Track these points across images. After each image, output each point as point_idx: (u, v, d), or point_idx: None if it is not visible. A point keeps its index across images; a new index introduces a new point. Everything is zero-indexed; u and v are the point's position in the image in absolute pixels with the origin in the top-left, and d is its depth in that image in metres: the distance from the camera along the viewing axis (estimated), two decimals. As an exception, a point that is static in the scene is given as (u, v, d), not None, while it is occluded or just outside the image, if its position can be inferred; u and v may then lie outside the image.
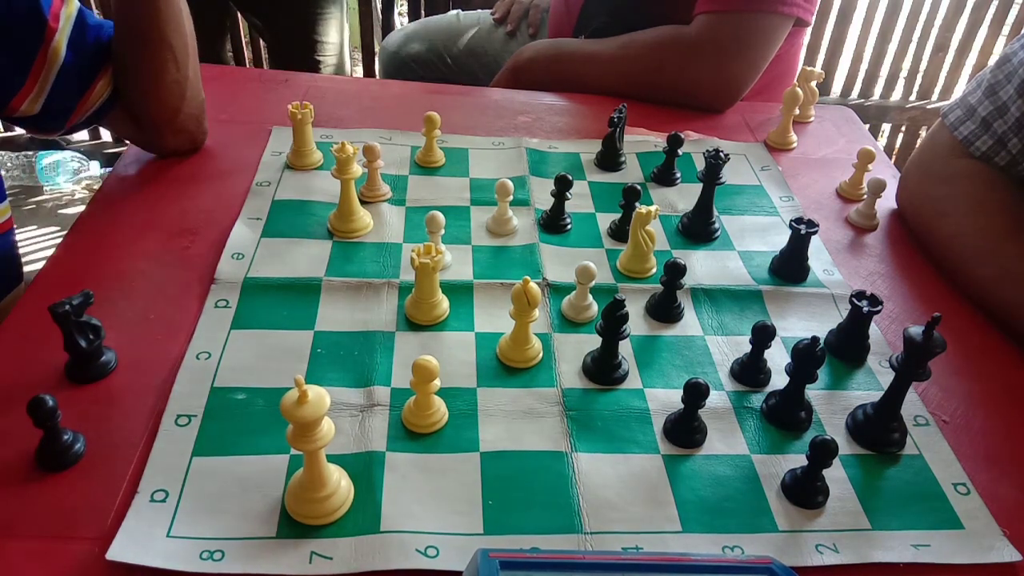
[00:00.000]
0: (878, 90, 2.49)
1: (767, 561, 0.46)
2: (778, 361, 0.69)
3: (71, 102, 0.81)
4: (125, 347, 0.66)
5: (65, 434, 0.56)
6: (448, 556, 0.52)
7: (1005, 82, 0.83)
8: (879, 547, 0.56)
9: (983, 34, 2.36)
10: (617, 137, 0.95)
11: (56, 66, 0.78)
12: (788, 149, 1.03)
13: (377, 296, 0.74)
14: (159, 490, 0.55)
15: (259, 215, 0.82)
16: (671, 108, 1.09)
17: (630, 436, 0.63)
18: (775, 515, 0.57)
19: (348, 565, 0.51)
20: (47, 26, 0.76)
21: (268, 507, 0.55)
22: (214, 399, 0.62)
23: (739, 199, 0.92)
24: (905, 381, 0.62)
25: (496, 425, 0.62)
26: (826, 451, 0.56)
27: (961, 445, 0.64)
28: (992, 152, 0.84)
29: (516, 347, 0.68)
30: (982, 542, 0.56)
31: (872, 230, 0.89)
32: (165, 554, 0.51)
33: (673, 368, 0.69)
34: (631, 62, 1.10)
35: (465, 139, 0.98)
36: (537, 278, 0.77)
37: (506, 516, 0.56)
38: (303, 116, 0.88)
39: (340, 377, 0.65)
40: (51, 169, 2.31)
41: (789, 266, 0.80)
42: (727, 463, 0.61)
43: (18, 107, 0.78)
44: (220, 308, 0.71)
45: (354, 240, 0.80)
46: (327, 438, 0.52)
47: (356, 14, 2.17)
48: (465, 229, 0.83)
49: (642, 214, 0.75)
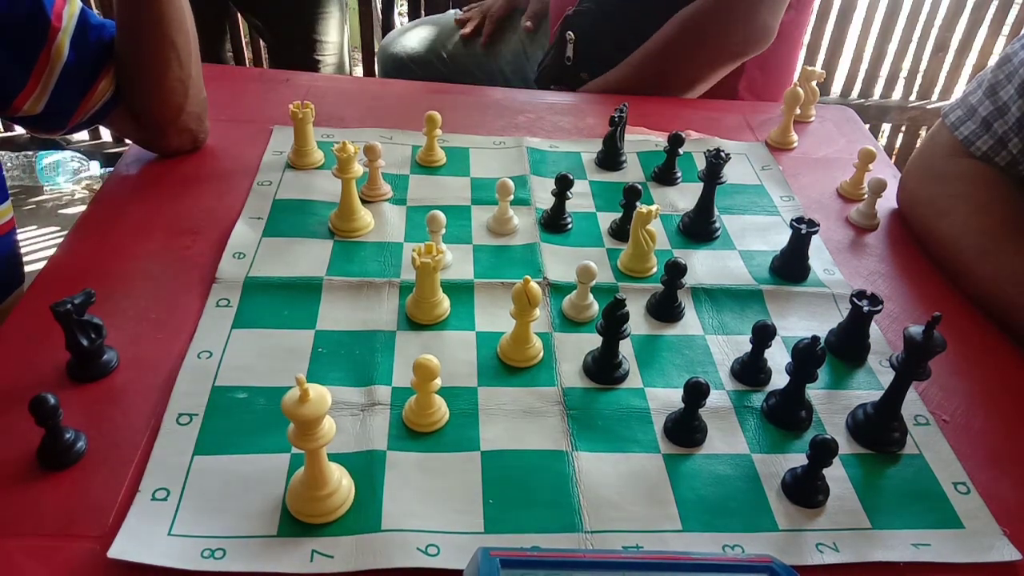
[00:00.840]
0: (878, 90, 2.49)
1: (767, 560, 0.46)
2: (778, 360, 0.69)
3: (73, 102, 0.81)
4: (126, 346, 0.66)
5: (67, 433, 0.56)
6: (449, 555, 0.52)
7: (1006, 82, 0.83)
8: (879, 546, 0.56)
9: (983, 34, 2.36)
10: (618, 136, 0.95)
11: (59, 66, 0.78)
12: (789, 149, 1.03)
13: (378, 295, 0.74)
14: (160, 489, 0.55)
15: (260, 215, 0.82)
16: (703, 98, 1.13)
17: (631, 435, 0.63)
18: (775, 514, 0.57)
19: (349, 564, 0.51)
20: (50, 25, 0.76)
21: (269, 506, 0.55)
22: (215, 398, 0.62)
23: (740, 198, 0.92)
24: (905, 380, 0.62)
25: (497, 424, 0.62)
26: (826, 450, 0.56)
27: (961, 445, 0.64)
28: (993, 152, 0.84)
29: (517, 346, 0.68)
30: (982, 541, 0.56)
31: (872, 230, 0.89)
32: (166, 552, 0.51)
33: (674, 367, 0.69)
34: (672, 49, 1.12)
35: (466, 138, 0.98)
36: (538, 277, 0.77)
37: (507, 515, 0.56)
38: (304, 116, 0.88)
39: (341, 376, 0.65)
40: (51, 169, 2.31)
41: (790, 266, 0.80)
42: (727, 462, 0.61)
43: (21, 106, 0.78)
44: (221, 307, 0.71)
45: (355, 239, 0.80)
46: (328, 437, 0.52)
47: (356, 14, 2.17)
48: (466, 228, 0.83)
49: (643, 213, 0.75)
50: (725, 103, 1.16)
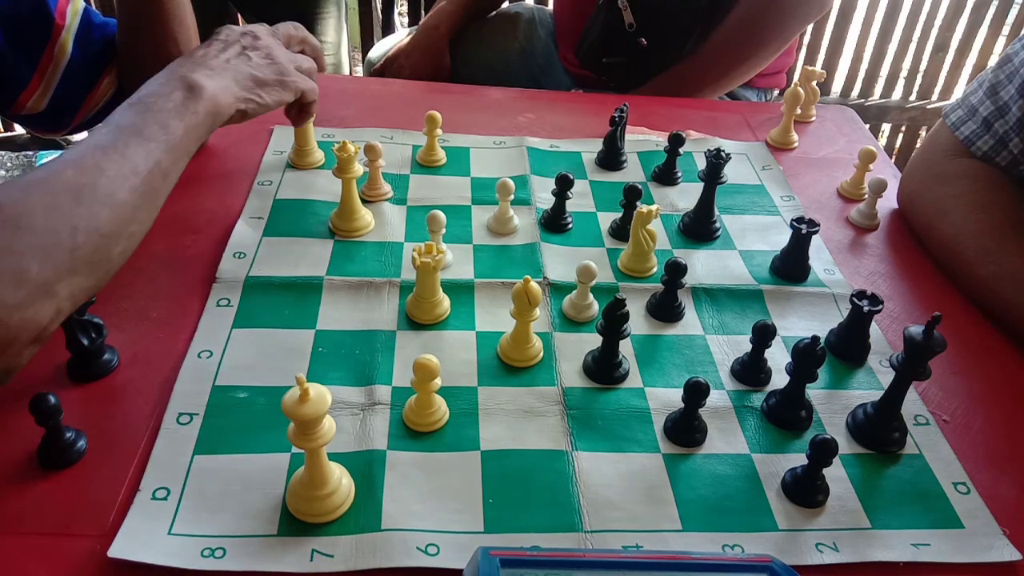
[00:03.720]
0: (878, 90, 2.49)
1: (767, 560, 0.46)
2: (779, 360, 0.69)
3: (77, 99, 0.81)
4: (127, 345, 0.66)
5: (67, 432, 0.56)
6: (449, 554, 0.52)
7: (1006, 82, 0.83)
8: (879, 546, 0.56)
9: (983, 34, 2.36)
10: (618, 136, 0.95)
11: (62, 63, 0.78)
12: (789, 148, 1.03)
13: (378, 295, 0.74)
14: (161, 488, 0.55)
15: (261, 214, 0.82)
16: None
17: (631, 435, 0.63)
18: (775, 514, 0.57)
19: (349, 563, 0.52)
20: (53, 23, 0.77)
21: (269, 505, 0.55)
22: (216, 397, 0.62)
23: (740, 198, 0.92)
24: (905, 380, 0.62)
25: (497, 424, 0.62)
26: (826, 450, 0.56)
27: (961, 444, 0.64)
28: (993, 152, 0.84)
29: (517, 346, 0.68)
30: (982, 541, 0.56)
31: (873, 230, 0.89)
32: (166, 552, 0.51)
33: (674, 367, 0.69)
34: (741, 46, 1.16)
35: (466, 138, 0.98)
36: (538, 277, 0.77)
37: (507, 514, 0.56)
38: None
39: (341, 376, 0.65)
40: (52, 168, 2.31)
41: (790, 265, 0.80)
42: (727, 462, 0.61)
43: (25, 104, 0.78)
44: (222, 307, 0.71)
45: (355, 239, 0.80)
46: (328, 436, 0.52)
47: (356, 14, 2.17)
48: (466, 228, 0.83)
49: (643, 213, 0.75)
50: (725, 103, 1.16)
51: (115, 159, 0.56)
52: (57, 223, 0.51)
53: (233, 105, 0.68)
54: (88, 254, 0.53)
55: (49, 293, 0.50)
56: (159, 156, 0.59)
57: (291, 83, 0.74)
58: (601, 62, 1.23)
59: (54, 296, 0.51)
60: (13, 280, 0.48)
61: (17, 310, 0.48)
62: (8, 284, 0.48)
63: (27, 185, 0.52)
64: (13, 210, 0.49)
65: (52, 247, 0.50)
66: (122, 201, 0.55)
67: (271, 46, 0.75)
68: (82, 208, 0.52)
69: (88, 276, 0.53)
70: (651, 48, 1.18)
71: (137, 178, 0.57)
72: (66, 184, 0.53)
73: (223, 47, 0.71)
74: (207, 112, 0.65)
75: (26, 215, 0.50)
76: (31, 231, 0.50)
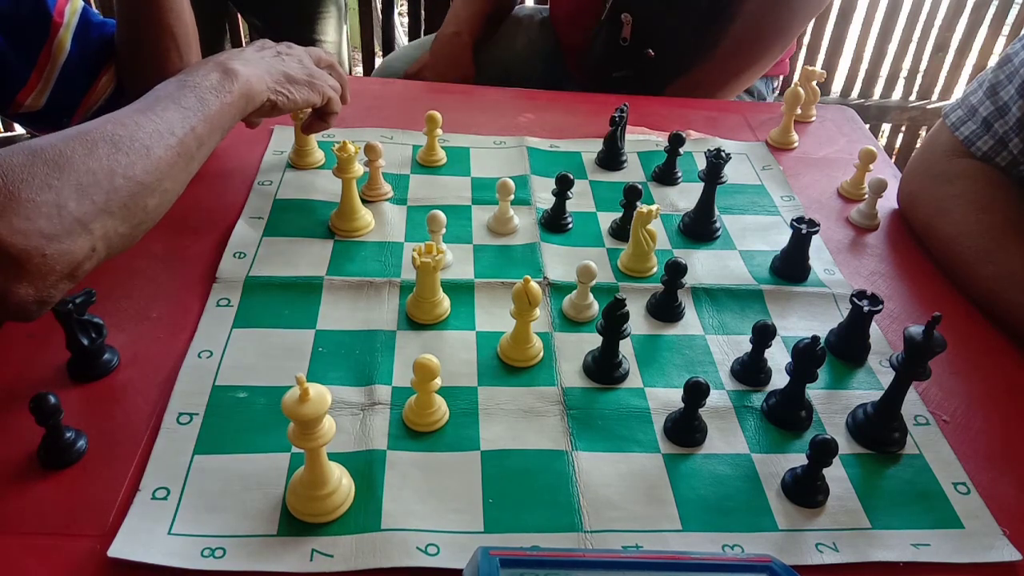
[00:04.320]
0: (878, 90, 2.48)
1: (767, 560, 0.46)
2: (779, 360, 0.69)
3: (75, 98, 0.81)
4: (127, 345, 0.66)
5: (67, 432, 0.56)
6: (449, 554, 0.52)
7: (1006, 82, 0.83)
8: (879, 546, 0.56)
9: (983, 34, 2.35)
10: (618, 136, 0.95)
11: (60, 61, 0.78)
12: (789, 148, 1.03)
13: (378, 295, 0.74)
14: (160, 488, 0.55)
15: (261, 214, 0.82)
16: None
17: (630, 435, 0.63)
18: (775, 514, 0.57)
19: (349, 563, 0.52)
20: (52, 21, 0.77)
21: (269, 505, 0.55)
22: (216, 397, 0.62)
23: (740, 198, 0.92)
24: (905, 380, 0.62)
25: (497, 424, 0.62)
26: (826, 450, 0.56)
27: (961, 445, 0.64)
28: (993, 152, 0.84)
29: (517, 346, 0.68)
30: (982, 541, 0.56)
31: (873, 230, 0.89)
32: (166, 551, 0.51)
33: (674, 367, 0.69)
34: (753, 45, 1.17)
35: (467, 138, 0.98)
36: (538, 277, 0.77)
37: (506, 514, 0.56)
38: (304, 115, 0.88)
39: (341, 376, 0.65)
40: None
41: (790, 265, 0.80)
42: (727, 462, 0.61)
43: (23, 102, 0.78)
44: (222, 307, 0.71)
45: (355, 239, 0.80)
46: (328, 436, 0.52)
47: (356, 14, 2.17)
48: (466, 228, 0.83)
49: (643, 213, 0.75)
50: (725, 103, 1.16)
51: (152, 119, 0.60)
52: (95, 165, 0.54)
53: (265, 93, 0.72)
54: (124, 198, 0.56)
55: (85, 229, 0.53)
56: (195, 123, 0.63)
57: (320, 86, 0.78)
58: (611, 77, 1.23)
59: (90, 233, 0.54)
60: (51, 212, 0.51)
61: (54, 241, 0.51)
62: (46, 216, 0.51)
63: (66, 134, 0.55)
64: (53, 151, 0.53)
65: (89, 186, 0.54)
66: (158, 156, 0.59)
67: (303, 55, 0.80)
68: (119, 155, 0.56)
69: (122, 221, 0.56)
70: (659, 58, 1.18)
71: (173, 138, 0.61)
72: (105, 134, 0.56)
73: (259, 48, 0.78)
74: (241, 93, 0.69)
75: (66, 156, 0.53)
76: (71, 170, 0.53)
